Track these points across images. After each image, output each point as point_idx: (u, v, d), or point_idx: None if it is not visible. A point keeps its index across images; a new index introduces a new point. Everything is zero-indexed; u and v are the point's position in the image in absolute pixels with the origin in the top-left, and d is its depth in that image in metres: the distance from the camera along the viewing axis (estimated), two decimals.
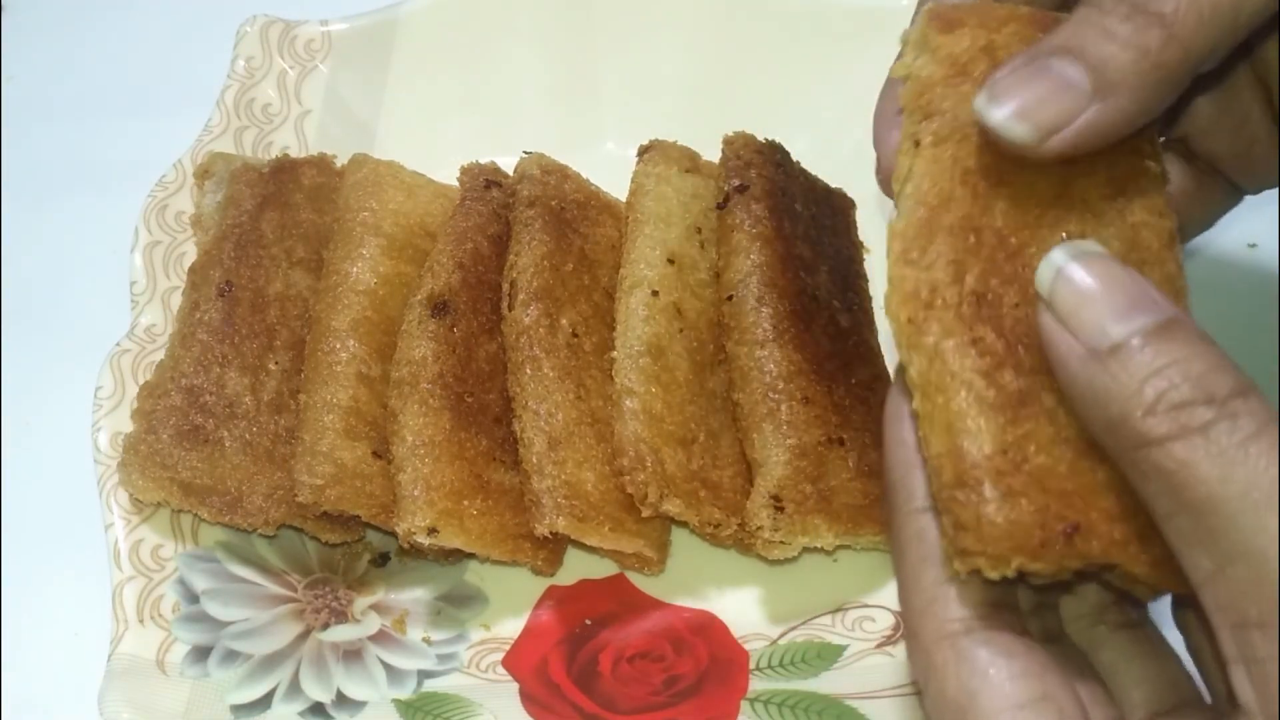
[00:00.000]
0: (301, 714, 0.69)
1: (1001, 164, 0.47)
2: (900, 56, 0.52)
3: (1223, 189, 0.62)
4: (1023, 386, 0.43)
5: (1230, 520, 0.36)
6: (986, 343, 0.43)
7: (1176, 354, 0.38)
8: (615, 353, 0.74)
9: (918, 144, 0.48)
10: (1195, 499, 0.37)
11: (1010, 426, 0.42)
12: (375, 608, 0.75)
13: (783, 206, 0.78)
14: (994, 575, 0.41)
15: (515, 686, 0.72)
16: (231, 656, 0.71)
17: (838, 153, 0.93)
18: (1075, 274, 0.41)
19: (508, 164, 0.85)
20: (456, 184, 0.84)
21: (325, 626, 0.74)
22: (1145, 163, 0.49)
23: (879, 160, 0.57)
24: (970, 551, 0.41)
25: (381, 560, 0.78)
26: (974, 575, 0.42)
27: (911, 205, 0.47)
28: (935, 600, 0.43)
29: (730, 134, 0.82)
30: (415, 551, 0.74)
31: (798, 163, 0.85)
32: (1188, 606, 0.45)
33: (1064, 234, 0.46)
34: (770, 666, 0.72)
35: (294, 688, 0.70)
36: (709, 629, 0.75)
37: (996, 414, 0.42)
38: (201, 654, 0.71)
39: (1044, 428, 0.42)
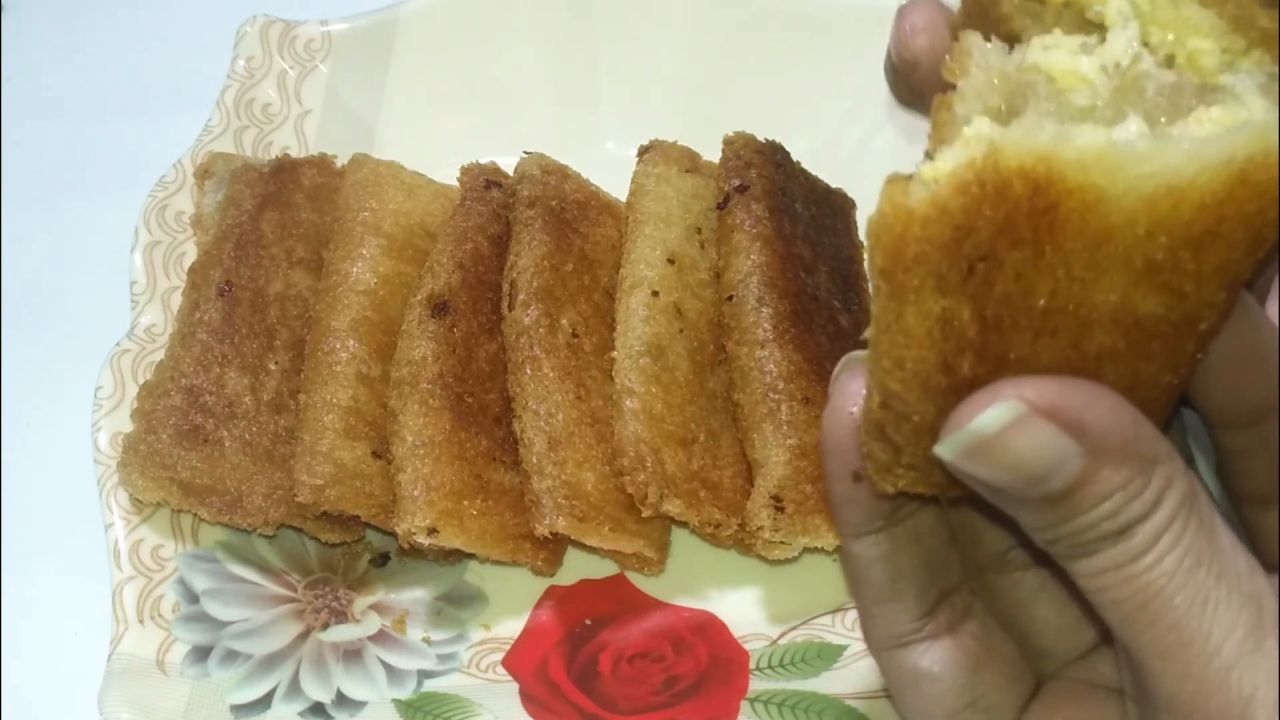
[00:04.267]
0: (301, 714, 0.69)
1: None
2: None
3: None
4: (980, 373, 0.38)
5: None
6: (959, 324, 0.37)
7: (1087, 503, 0.37)
8: (615, 353, 0.74)
9: None
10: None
11: (949, 409, 0.38)
12: (375, 608, 0.75)
13: (783, 206, 0.78)
14: (889, 491, 0.42)
15: (515, 686, 0.72)
16: (231, 656, 0.71)
17: (838, 153, 0.93)
18: (1002, 441, 0.37)
19: (508, 164, 0.85)
20: (456, 184, 0.84)
21: (325, 626, 0.74)
22: None
23: (893, 45, 0.48)
24: (870, 477, 0.42)
25: (381, 560, 0.78)
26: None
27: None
28: (876, 617, 0.45)
29: (730, 134, 0.82)
30: (415, 551, 0.74)
31: (798, 163, 0.85)
32: None
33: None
34: (770, 666, 0.72)
35: (294, 688, 0.70)
36: (709, 629, 0.75)
37: (938, 399, 0.38)
38: (201, 654, 0.71)
39: None
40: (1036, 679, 0.47)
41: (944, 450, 0.37)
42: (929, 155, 0.36)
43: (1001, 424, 0.36)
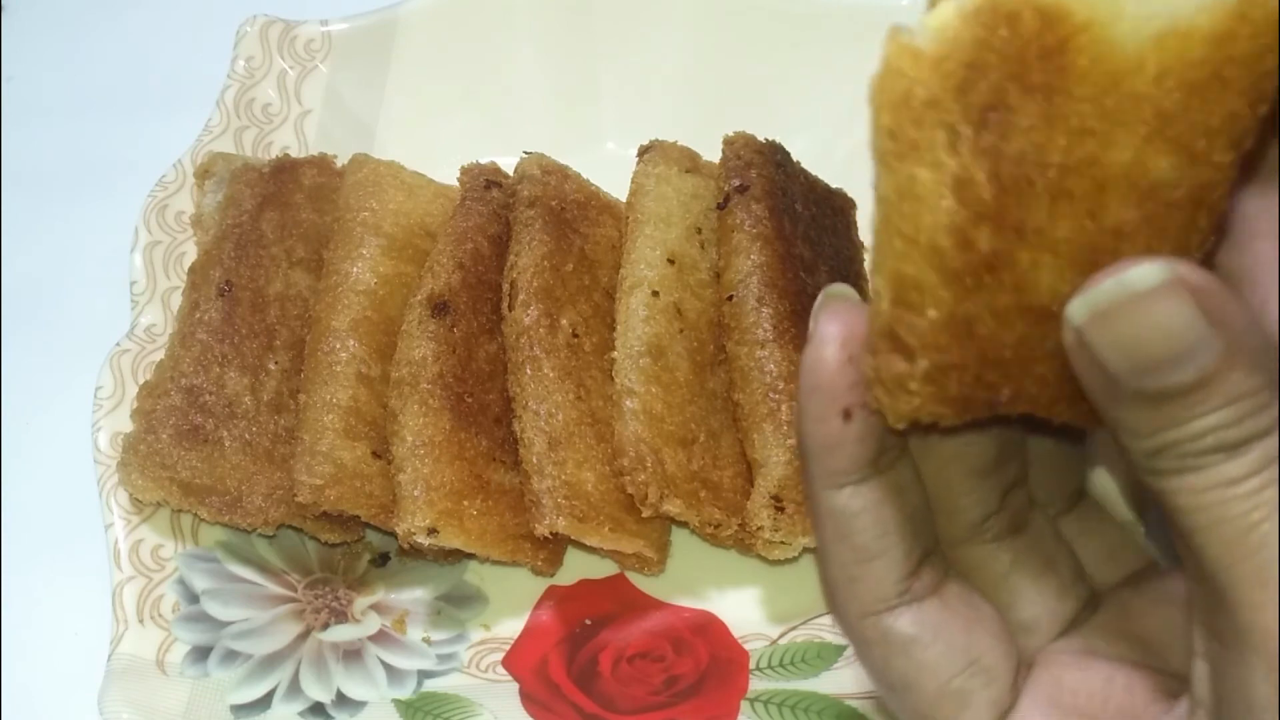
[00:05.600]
0: (301, 714, 0.69)
1: None
2: None
3: None
4: (999, 247, 0.35)
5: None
6: (974, 187, 0.35)
7: (1210, 404, 0.35)
8: (615, 353, 0.74)
9: None
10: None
11: (967, 297, 0.36)
12: (375, 608, 0.75)
13: (783, 206, 0.78)
14: (897, 425, 0.39)
15: (515, 686, 0.72)
16: (231, 656, 0.71)
17: (838, 153, 0.93)
18: (1124, 319, 0.34)
19: (508, 164, 0.85)
20: (456, 184, 0.84)
21: (325, 626, 0.74)
22: None
23: None
24: (880, 402, 0.39)
25: (381, 560, 0.78)
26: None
27: None
28: (858, 580, 0.42)
29: (730, 134, 0.82)
30: (415, 551, 0.74)
31: (798, 163, 0.85)
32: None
33: None
34: (770, 666, 0.72)
35: (294, 688, 0.70)
36: (709, 629, 0.75)
37: (955, 283, 0.36)
38: (201, 654, 0.71)
39: (1005, 296, 0.36)
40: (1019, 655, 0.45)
41: (1078, 307, 0.34)
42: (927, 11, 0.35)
43: (1151, 284, 0.33)
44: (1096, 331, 0.34)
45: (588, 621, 0.75)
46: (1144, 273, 0.34)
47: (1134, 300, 0.34)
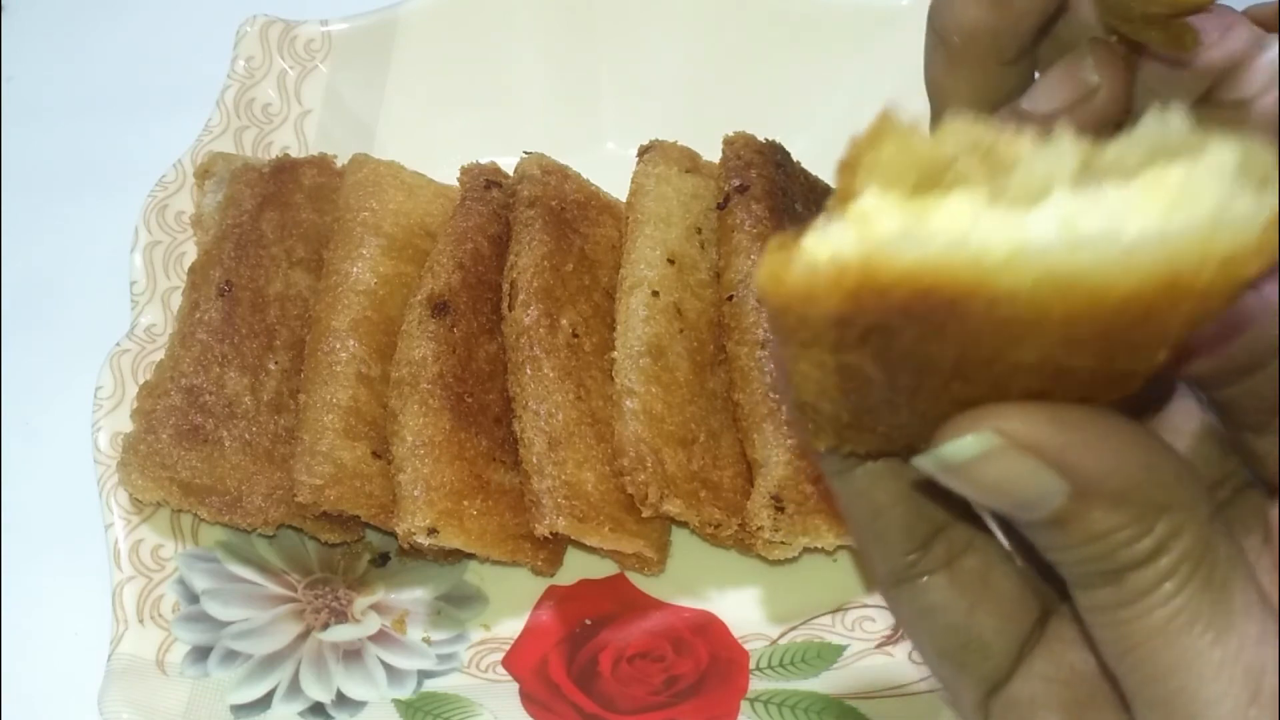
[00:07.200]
0: (301, 714, 0.69)
1: None
2: None
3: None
4: (880, 403, 0.36)
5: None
6: (862, 373, 0.34)
7: (1072, 541, 0.35)
8: (615, 353, 0.74)
9: None
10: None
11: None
12: (375, 608, 0.75)
13: (783, 206, 0.78)
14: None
15: (515, 686, 0.72)
16: (231, 656, 0.71)
17: (838, 153, 0.93)
18: (982, 466, 0.35)
19: (508, 164, 0.85)
20: (456, 184, 0.84)
21: (325, 626, 0.74)
22: None
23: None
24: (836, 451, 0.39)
25: (381, 560, 0.78)
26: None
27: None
28: (868, 554, 0.44)
29: (730, 134, 0.82)
30: (415, 551, 0.74)
31: (798, 163, 0.85)
32: None
33: None
34: (770, 666, 0.72)
35: (294, 688, 0.70)
36: (709, 629, 0.75)
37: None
38: (201, 654, 0.71)
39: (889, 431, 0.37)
40: (1044, 611, 0.45)
41: (921, 464, 0.35)
42: (828, 212, 0.32)
43: (969, 456, 0.34)
44: (947, 482, 0.35)
45: (588, 621, 0.75)
46: (961, 447, 0.34)
47: (962, 467, 0.34)
